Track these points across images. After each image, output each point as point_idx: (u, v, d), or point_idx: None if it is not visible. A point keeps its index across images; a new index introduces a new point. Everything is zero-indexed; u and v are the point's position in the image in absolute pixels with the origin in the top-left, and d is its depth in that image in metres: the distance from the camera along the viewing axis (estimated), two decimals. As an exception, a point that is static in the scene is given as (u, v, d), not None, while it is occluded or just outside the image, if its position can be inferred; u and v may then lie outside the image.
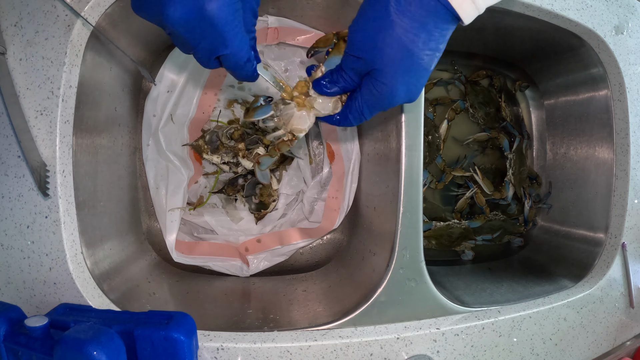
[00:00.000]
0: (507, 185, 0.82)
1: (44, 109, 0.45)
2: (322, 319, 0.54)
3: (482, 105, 0.83)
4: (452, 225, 0.80)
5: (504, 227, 0.84)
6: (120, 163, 0.62)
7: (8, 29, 0.46)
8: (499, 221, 0.84)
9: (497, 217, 0.84)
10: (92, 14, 0.48)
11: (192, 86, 0.68)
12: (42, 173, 0.45)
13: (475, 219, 0.82)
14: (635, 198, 0.66)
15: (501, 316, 0.57)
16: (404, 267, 0.54)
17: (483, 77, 0.85)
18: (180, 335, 0.40)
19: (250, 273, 0.70)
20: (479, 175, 0.80)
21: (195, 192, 0.72)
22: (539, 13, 0.61)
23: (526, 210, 0.83)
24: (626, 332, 0.67)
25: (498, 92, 0.86)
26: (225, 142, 0.69)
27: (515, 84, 0.87)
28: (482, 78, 0.85)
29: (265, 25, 0.65)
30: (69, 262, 0.46)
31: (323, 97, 0.43)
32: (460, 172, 0.82)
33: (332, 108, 0.44)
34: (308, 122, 0.45)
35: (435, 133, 0.81)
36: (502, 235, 0.84)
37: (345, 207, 0.70)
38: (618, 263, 0.66)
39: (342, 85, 0.42)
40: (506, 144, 0.83)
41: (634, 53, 0.66)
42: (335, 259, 0.75)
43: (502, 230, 0.83)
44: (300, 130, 0.45)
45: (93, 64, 0.51)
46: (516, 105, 0.88)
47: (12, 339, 0.40)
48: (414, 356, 0.53)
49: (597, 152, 0.72)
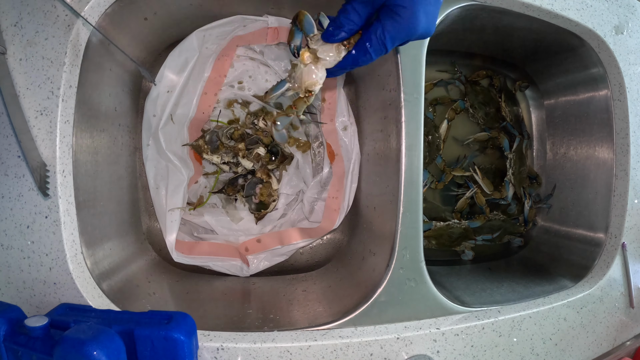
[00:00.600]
0: (507, 185, 0.82)
1: (44, 109, 0.45)
2: (322, 319, 0.54)
3: (482, 105, 0.83)
4: (452, 225, 0.80)
5: (504, 227, 0.84)
6: (120, 163, 0.62)
7: (8, 29, 0.46)
8: (498, 221, 0.84)
9: (497, 217, 0.84)
10: (92, 14, 0.48)
11: (192, 86, 0.67)
12: (42, 173, 0.45)
13: (475, 219, 0.82)
14: (635, 198, 0.66)
15: (501, 316, 0.57)
16: (404, 267, 0.54)
17: (483, 77, 0.85)
18: (180, 335, 0.40)
19: (250, 273, 0.70)
20: (478, 175, 0.80)
21: (195, 192, 0.72)
22: (539, 13, 0.61)
23: (526, 210, 0.84)
24: (626, 332, 0.67)
25: (498, 92, 0.86)
26: (225, 142, 0.69)
27: (515, 83, 0.87)
28: (482, 78, 0.85)
29: (265, 25, 0.65)
30: (69, 262, 0.46)
31: (324, 46, 0.44)
32: (460, 172, 0.82)
33: (336, 54, 0.44)
34: (319, 74, 0.46)
35: (435, 133, 0.81)
36: (502, 235, 0.84)
37: (345, 207, 0.70)
38: (618, 263, 0.66)
39: (348, 28, 0.42)
40: (506, 143, 0.83)
41: (634, 53, 0.66)
42: (335, 259, 0.75)
43: (502, 230, 0.84)
44: (313, 84, 0.46)
45: (93, 64, 0.51)
46: (516, 105, 0.88)
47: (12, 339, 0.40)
48: (414, 356, 0.53)
49: (597, 152, 0.72)
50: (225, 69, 0.70)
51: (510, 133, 0.84)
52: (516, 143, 0.83)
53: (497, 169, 0.87)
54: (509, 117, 0.84)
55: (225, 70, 0.70)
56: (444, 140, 0.82)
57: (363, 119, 0.71)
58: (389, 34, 0.41)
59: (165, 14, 0.60)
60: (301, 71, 0.46)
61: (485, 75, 0.85)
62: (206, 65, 0.68)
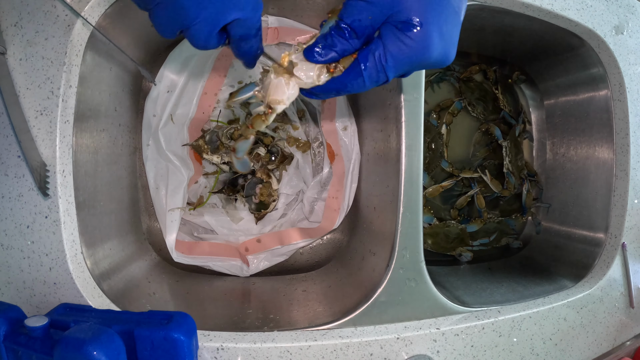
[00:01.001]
0: (509, 177, 0.81)
1: (44, 109, 0.45)
2: (322, 319, 0.54)
3: (479, 101, 0.83)
4: (448, 224, 0.80)
5: (499, 229, 0.84)
6: (120, 163, 0.62)
7: (8, 29, 0.46)
8: (493, 224, 0.83)
9: (491, 219, 0.84)
10: (92, 14, 0.48)
11: (192, 86, 0.68)
12: (42, 173, 0.45)
13: (472, 222, 0.82)
14: (635, 198, 0.66)
15: (501, 316, 0.57)
16: (404, 267, 0.54)
17: (476, 72, 0.85)
18: (180, 335, 0.40)
19: (250, 273, 0.70)
20: (487, 176, 0.80)
21: (195, 192, 0.72)
22: (539, 13, 0.61)
23: (524, 195, 0.83)
24: (626, 332, 0.67)
25: (494, 83, 0.85)
26: (225, 142, 0.69)
27: (513, 74, 0.86)
28: (475, 73, 0.85)
29: (265, 25, 0.65)
30: (69, 262, 0.46)
31: (306, 63, 0.35)
32: (469, 173, 0.81)
33: (316, 77, 0.36)
34: (287, 92, 0.37)
35: (439, 140, 0.81)
36: (499, 237, 0.84)
37: (345, 207, 0.70)
38: (618, 263, 0.66)
39: (340, 48, 0.33)
40: (498, 132, 0.82)
41: (634, 53, 0.66)
42: (335, 259, 0.75)
43: (497, 233, 0.83)
44: (278, 102, 0.37)
45: (93, 64, 0.51)
46: (514, 95, 0.87)
47: (12, 339, 0.40)
48: (414, 356, 0.53)
49: (597, 152, 0.72)
50: (225, 69, 0.70)
51: (508, 123, 0.84)
52: None
53: (497, 164, 0.86)
54: (507, 107, 0.84)
55: (225, 70, 0.70)
56: (446, 144, 0.82)
57: (363, 119, 0.71)
58: (392, 58, 0.32)
59: (165, 14, 0.60)
60: (270, 81, 0.37)
61: (479, 70, 0.85)
62: (206, 65, 0.68)
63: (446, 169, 0.81)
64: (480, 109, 0.83)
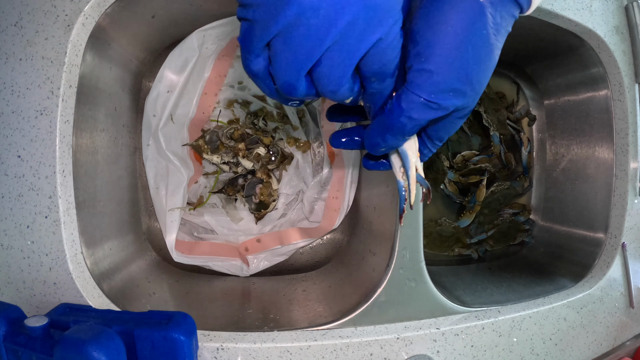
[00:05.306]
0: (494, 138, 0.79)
1: (44, 109, 0.45)
2: (322, 319, 0.54)
3: (494, 111, 0.82)
4: (440, 223, 0.80)
5: (512, 227, 0.82)
6: (120, 163, 0.62)
7: (8, 29, 0.46)
8: (506, 223, 0.82)
9: (502, 219, 0.83)
10: (92, 14, 0.48)
11: (192, 86, 0.68)
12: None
13: (463, 216, 0.80)
14: (635, 198, 0.66)
15: (501, 316, 0.57)
16: (404, 267, 0.54)
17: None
18: (180, 335, 0.40)
19: (250, 273, 0.70)
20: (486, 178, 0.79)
21: (195, 192, 0.72)
22: (539, 13, 0.61)
23: (524, 156, 0.82)
24: (626, 332, 0.67)
25: (507, 107, 0.85)
26: (225, 142, 0.69)
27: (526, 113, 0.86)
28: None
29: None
30: (69, 262, 0.46)
31: None
32: (476, 178, 0.80)
33: None
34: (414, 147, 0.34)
35: (437, 158, 0.80)
36: (514, 235, 0.83)
37: (345, 207, 0.70)
38: (618, 263, 0.66)
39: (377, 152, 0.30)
40: None
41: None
42: (335, 259, 0.75)
43: (492, 225, 0.82)
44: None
45: (93, 64, 0.51)
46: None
47: (12, 339, 0.40)
48: (414, 356, 0.53)
49: (597, 152, 0.72)
50: (225, 69, 0.70)
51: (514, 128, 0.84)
52: None
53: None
54: None
55: (225, 70, 0.70)
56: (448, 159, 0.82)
57: (363, 119, 0.71)
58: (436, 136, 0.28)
59: (165, 14, 0.60)
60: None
61: None
62: (206, 65, 0.68)
63: (453, 179, 0.80)
64: (493, 118, 0.82)
